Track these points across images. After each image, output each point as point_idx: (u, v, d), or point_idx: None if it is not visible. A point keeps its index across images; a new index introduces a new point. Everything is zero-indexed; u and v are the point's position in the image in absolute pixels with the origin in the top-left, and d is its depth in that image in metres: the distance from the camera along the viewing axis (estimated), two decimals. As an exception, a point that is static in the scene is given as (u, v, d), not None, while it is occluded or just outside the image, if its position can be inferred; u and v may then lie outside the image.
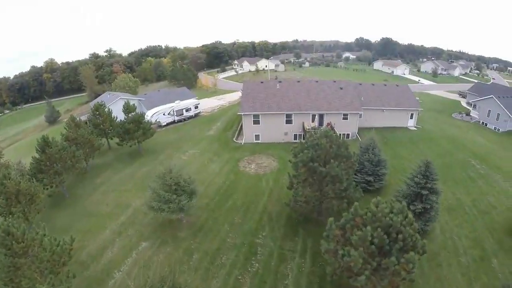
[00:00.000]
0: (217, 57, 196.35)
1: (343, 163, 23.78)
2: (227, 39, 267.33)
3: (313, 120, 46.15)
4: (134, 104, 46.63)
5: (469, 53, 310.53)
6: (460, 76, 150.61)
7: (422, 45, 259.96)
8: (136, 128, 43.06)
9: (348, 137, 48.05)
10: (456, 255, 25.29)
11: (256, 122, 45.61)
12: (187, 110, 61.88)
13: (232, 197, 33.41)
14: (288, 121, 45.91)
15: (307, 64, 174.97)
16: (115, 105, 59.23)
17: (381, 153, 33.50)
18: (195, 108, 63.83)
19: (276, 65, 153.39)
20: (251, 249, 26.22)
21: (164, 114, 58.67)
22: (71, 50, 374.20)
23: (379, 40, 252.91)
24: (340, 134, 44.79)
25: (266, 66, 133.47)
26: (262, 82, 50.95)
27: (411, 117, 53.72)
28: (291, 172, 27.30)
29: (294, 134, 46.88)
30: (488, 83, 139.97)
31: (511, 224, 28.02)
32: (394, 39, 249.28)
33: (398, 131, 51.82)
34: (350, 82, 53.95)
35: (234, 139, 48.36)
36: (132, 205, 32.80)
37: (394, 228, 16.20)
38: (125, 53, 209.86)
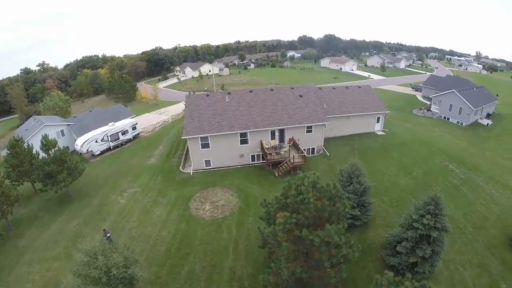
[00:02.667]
0: (158, 64, 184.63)
1: (340, 223, 16.15)
2: (168, 45, 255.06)
3: (273, 137, 38.69)
4: (54, 138, 36.12)
5: (407, 44, 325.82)
6: (406, 68, 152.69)
7: (363, 40, 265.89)
8: (59, 170, 33.12)
9: (314, 152, 41.39)
10: (466, 289, 22.07)
11: (205, 145, 37.14)
12: (123, 133, 51.78)
13: (187, 259, 24.92)
14: (243, 141, 37.94)
15: (252, 65, 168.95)
16: (39, 134, 47.54)
17: (365, 178, 26.74)
18: (133, 129, 53.83)
19: (220, 69, 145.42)
20: None
21: (96, 141, 48.17)
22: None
23: (322, 37, 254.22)
24: (304, 150, 39.14)
25: (210, 71, 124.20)
26: (208, 95, 42.36)
27: (378, 121, 48.38)
28: (259, 220, 20.43)
29: (252, 155, 39.13)
30: (433, 72, 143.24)
31: (507, 236, 27.18)
32: (337, 35, 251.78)
33: (366, 138, 46.29)
34: (309, 86, 47.34)
35: (180, 168, 39.41)
36: (63, 283, 23.59)
37: None
38: (60, 65, 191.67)
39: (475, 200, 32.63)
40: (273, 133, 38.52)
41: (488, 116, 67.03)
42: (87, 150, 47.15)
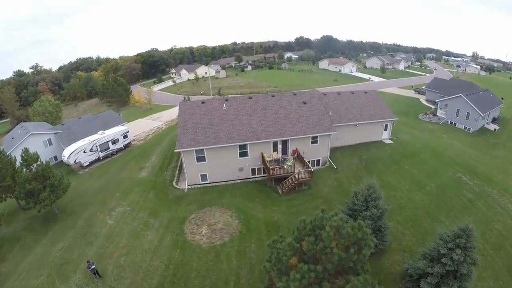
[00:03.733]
0: (153, 66, 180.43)
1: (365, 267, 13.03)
2: (164, 46, 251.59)
3: (275, 149, 35.54)
4: (35, 152, 32.73)
5: (404, 45, 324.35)
6: (406, 70, 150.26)
7: (361, 41, 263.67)
8: (41, 187, 29.90)
9: (319, 164, 38.33)
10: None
11: (201, 159, 33.89)
12: (113, 142, 48.41)
13: (183, 297, 21.69)
14: (243, 154, 34.71)
15: (249, 67, 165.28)
16: (26, 143, 44.09)
17: (382, 201, 23.69)
18: (124, 138, 50.44)
19: (217, 71, 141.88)
20: None
21: (85, 152, 44.75)
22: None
23: (319, 38, 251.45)
24: (309, 162, 36.11)
25: (206, 73, 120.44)
26: (203, 103, 38.98)
27: (386, 129, 45.41)
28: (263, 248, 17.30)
29: (252, 169, 35.99)
30: (433, 74, 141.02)
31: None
32: (334, 36, 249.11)
33: (373, 147, 43.31)
34: (313, 92, 44.44)
35: (174, 183, 36.12)
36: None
37: None
38: (55, 67, 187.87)
39: (492, 217, 30.40)
40: (275, 144, 35.37)
41: (494, 120, 64.49)
42: (75, 161, 43.81)
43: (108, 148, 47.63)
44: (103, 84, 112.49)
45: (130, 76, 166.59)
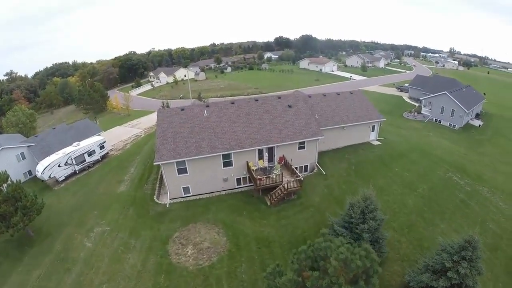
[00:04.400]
0: (131, 69, 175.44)
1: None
2: (142, 49, 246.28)
3: (260, 157, 33.67)
4: (5, 171, 29.71)
5: (381, 42, 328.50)
6: (386, 67, 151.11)
7: (340, 39, 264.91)
8: (12, 210, 27.15)
9: (307, 170, 36.76)
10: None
11: (182, 171, 31.68)
12: (90, 154, 45.55)
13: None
14: (227, 163, 32.63)
15: (229, 69, 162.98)
16: None
17: (379, 211, 22.17)
18: (101, 149, 47.60)
19: (196, 74, 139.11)
20: None
21: (59, 166, 41.72)
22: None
23: (298, 37, 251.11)
24: (296, 168, 34.41)
25: (185, 76, 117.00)
26: (183, 110, 36.57)
27: (373, 130, 44.25)
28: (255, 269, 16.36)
29: (237, 179, 34.06)
30: (412, 71, 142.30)
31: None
32: (313, 35, 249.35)
33: (362, 150, 42.06)
34: (298, 95, 42.89)
35: (155, 198, 33.77)
36: None
37: None
38: (30, 74, 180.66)
39: (485, 216, 30.02)
40: (260, 152, 33.47)
41: (477, 116, 64.80)
42: (50, 176, 40.84)
43: (84, 160, 44.79)
44: (79, 90, 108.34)
45: (108, 80, 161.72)
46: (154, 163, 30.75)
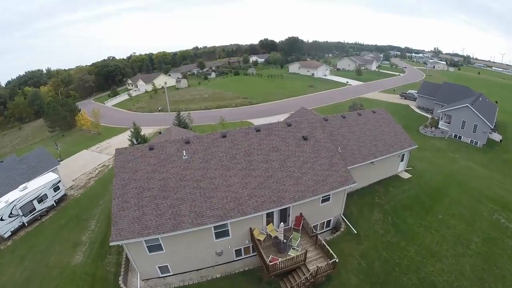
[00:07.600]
0: (108, 77, 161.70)
1: None
2: (122, 54, 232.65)
3: (269, 221, 23.33)
4: None
5: (365, 43, 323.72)
6: (380, 70, 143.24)
7: (326, 41, 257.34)
8: None
9: (329, 226, 26.84)
10: None
11: (155, 248, 20.94)
12: (40, 200, 34.39)
13: None
14: (221, 234, 21.98)
15: (213, 74, 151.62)
16: None
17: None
18: (55, 191, 36.40)
19: (178, 81, 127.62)
20: None
21: (3, 219, 30.60)
22: None
23: (284, 40, 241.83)
24: (316, 227, 24.21)
25: (165, 83, 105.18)
26: (152, 149, 25.07)
27: (402, 159, 34.75)
28: None
29: (236, 250, 23.67)
30: (403, 74, 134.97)
31: None
32: (300, 37, 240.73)
33: (392, 187, 32.61)
34: (311, 115, 32.92)
35: (120, 280, 22.78)
36: None
37: None
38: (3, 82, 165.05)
39: None
40: (269, 215, 23.19)
41: (494, 128, 56.17)
42: (-9, 233, 29.86)
43: (34, 209, 33.74)
44: (48, 102, 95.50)
45: (83, 89, 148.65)
46: (110, 244, 19.79)
